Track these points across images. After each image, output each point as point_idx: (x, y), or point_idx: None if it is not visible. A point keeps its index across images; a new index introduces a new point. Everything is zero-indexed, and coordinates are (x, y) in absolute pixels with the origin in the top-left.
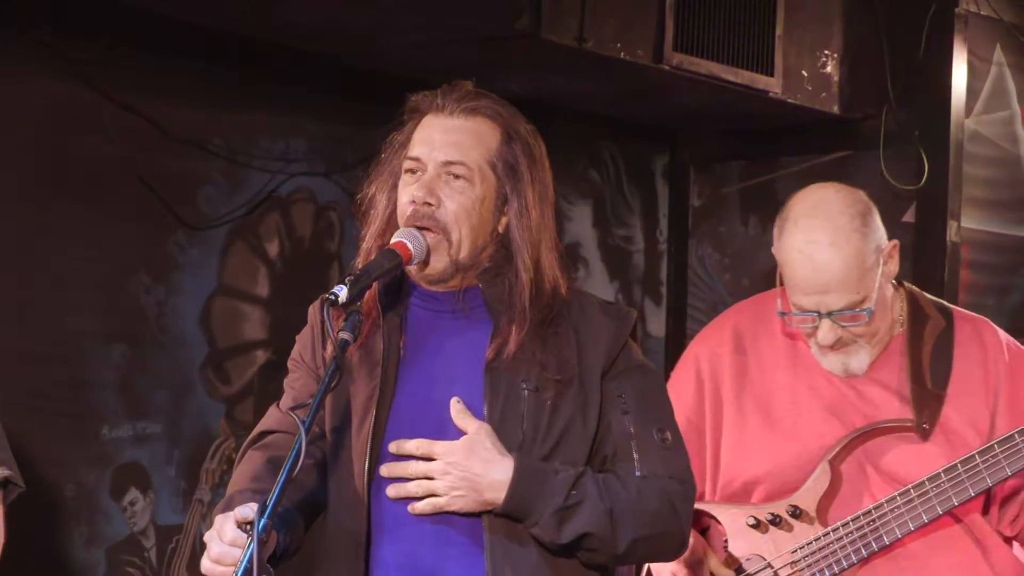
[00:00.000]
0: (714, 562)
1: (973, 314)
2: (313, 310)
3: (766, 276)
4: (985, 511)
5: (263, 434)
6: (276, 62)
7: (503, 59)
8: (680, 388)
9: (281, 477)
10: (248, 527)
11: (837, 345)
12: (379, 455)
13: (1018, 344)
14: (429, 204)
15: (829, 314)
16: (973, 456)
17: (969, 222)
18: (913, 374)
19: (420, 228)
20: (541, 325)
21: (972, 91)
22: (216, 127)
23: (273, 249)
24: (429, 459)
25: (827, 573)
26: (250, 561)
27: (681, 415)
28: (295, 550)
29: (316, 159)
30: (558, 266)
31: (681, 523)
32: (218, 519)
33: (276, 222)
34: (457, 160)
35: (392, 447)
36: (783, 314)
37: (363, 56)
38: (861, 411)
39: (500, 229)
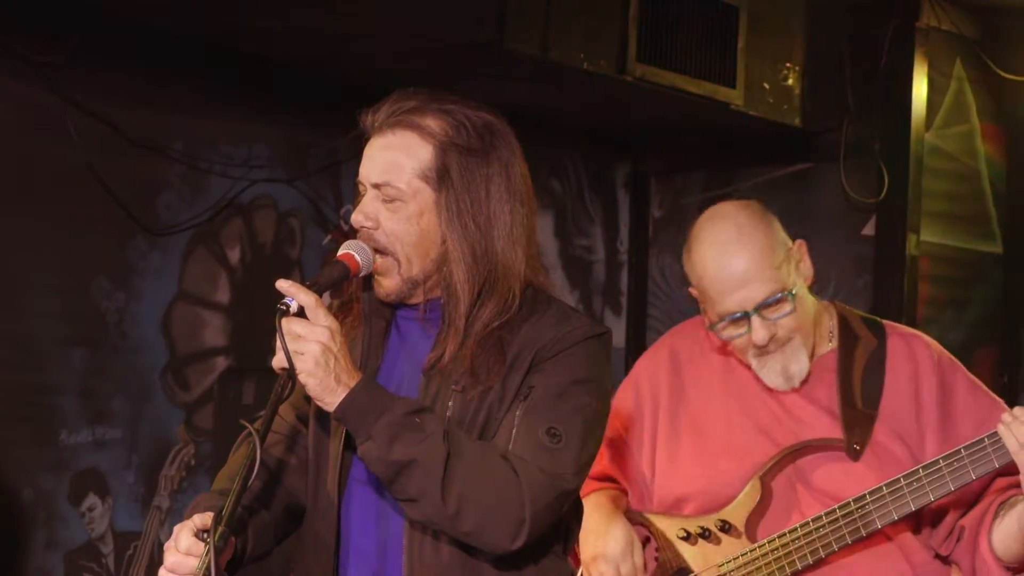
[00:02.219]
0: (639, 560)
1: (906, 328)
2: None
3: None
4: (918, 531)
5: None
6: (239, 68)
7: (466, 68)
8: (619, 406)
9: (236, 487)
10: (206, 535)
11: (773, 345)
12: (350, 462)
13: (951, 358)
14: (367, 227)
15: (756, 309)
16: (898, 480)
17: (929, 235)
18: (843, 395)
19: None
20: (487, 328)
21: (932, 105)
22: (178, 133)
23: (234, 255)
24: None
25: None
26: (206, 569)
27: (617, 431)
28: (263, 553)
29: (278, 166)
30: (527, 264)
31: (524, 509)
32: (177, 527)
33: (238, 228)
34: (384, 182)
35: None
36: (712, 326)
37: (326, 64)
38: (791, 429)
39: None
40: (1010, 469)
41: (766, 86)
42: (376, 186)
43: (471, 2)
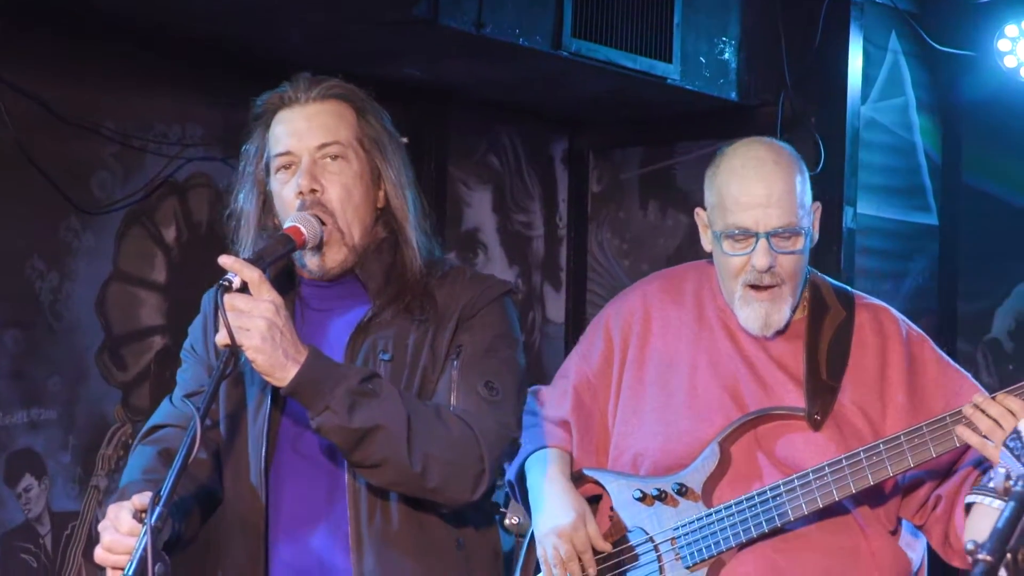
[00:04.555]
0: (594, 531)
1: (875, 301)
2: (206, 299)
3: (666, 261)
4: (876, 504)
5: (154, 428)
6: (172, 46)
7: (401, 45)
8: (588, 349)
9: (176, 464)
10: (144, 515)
11: (768, 278)
12: (275, 445)
13: (919, 331)
14: (314, 191)
15: (767, 234)
16: (858, 453)
17: (865, 208)
18: (809, 365)
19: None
20: (411, 294)
21: (868, 78)
22: (110, 111)
23: (170, 234)
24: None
25: (706, 552)
26: (145, 549)
27: (584, 375)
28: (190, 539)
29: (213, 144)
30: (429, 235)
31: (483, 462)
32: (112, 508)
33: (173, 207)
34: (331, 140)
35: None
36: (718, 236)
37: (259, 41)
38: (756, 393)
39: (379, 204)
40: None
41: (702, 60)
42: (321, 147)
43: None
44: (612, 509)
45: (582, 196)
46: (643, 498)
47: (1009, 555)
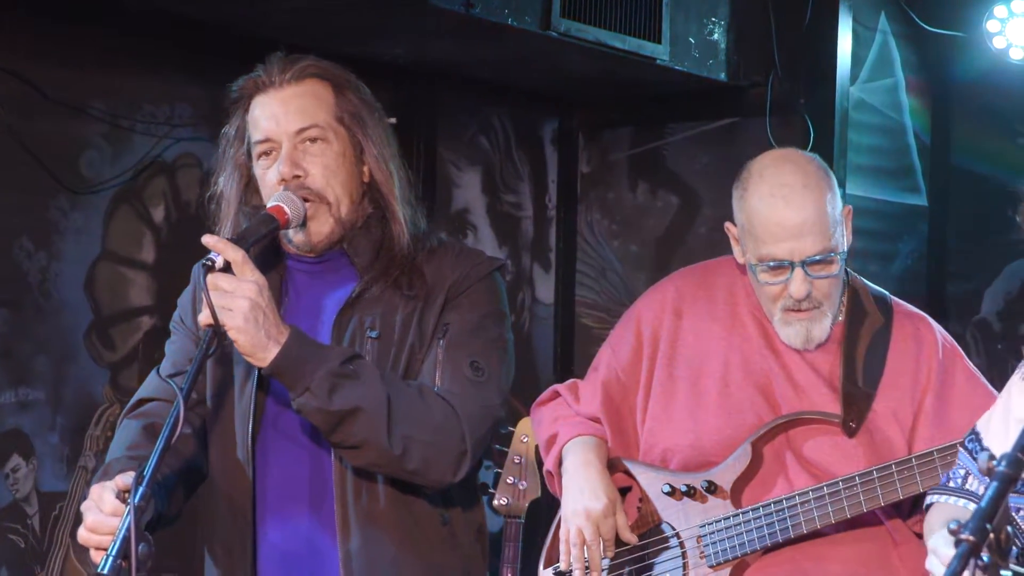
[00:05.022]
0: (622, 521)
1: (913, 309)
2: (196, 270)
3: (655, 242)
4: (905, 515)
5: (141, 401)
6: (160, 26)
7: (390, 25)
8: (618, 344)
9: (159, 445)
10: (127, 495)
11: (806, 303)
12: (260, 424)
13: (953, 343)
14: (297, 176)
15: (803, 263)
16: (890, 466)
17: (854, 189)
18: (846, 371)
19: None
20: (399, 270)
21: (857, 59)
22: (98, 91)
23: (159, 214)
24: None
25: (731, 553)
26: (128, 529)
27: (613, 370)
28: (174, 516)
29: (201, 124)
30: (414, 208)
31: (465, 443)
32: (95, 488)
33: (161, 187)
34: (308, 124)
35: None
36: (752, 267)
37: (248, 21)
38: (789, 394)
39: (365, 179)
40: None
41: (692, 41)
42: (299, 131)
43: None
44: (640, 501)
45: (571, 177)
46: (672, 492)
47: (992, 535)
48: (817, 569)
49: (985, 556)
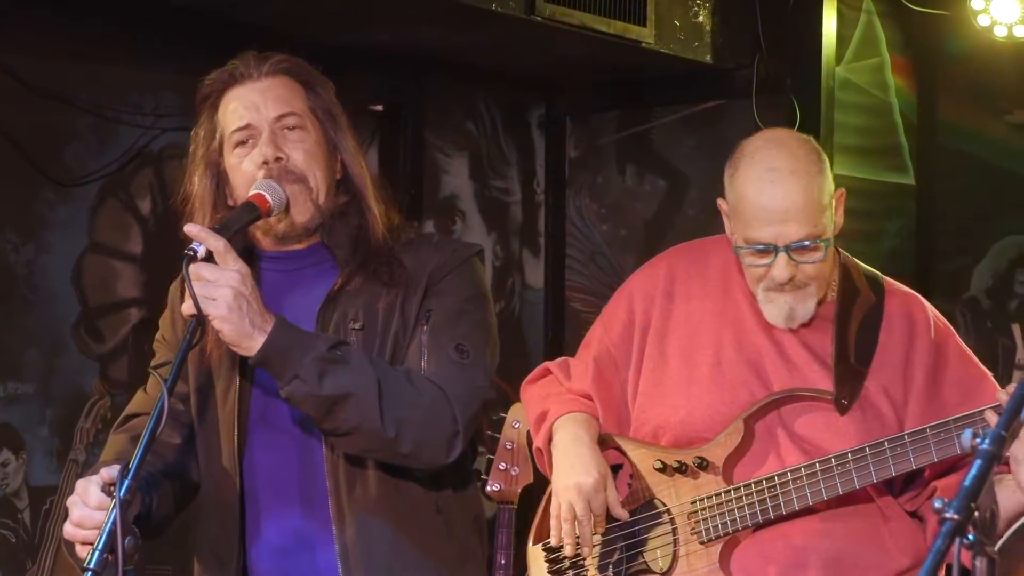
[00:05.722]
0: (613, 497)
1: (904, 288)
2: (173, 289)
3: (644, 226)
4: (896, 492)
5: (128, 417)
6: (145, 16)
7: (375, 11)
8: (610, 320)
9: (144, 436)
10: (112, 488)
11: (789, 286)
12: (247, 424)
13: (946, 323)
14: (280, 159)
15: (787, 248)
16: (882, 443)
17: (841, 169)
18: (839, 348)
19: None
20: (378, 260)
21: (842, 39)
22: (83, 82)
23: (146, 206)
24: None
25: (722, 529)
26: (114, 523)
27: (605, 347)
28: (165, 517)
29: (188, 114)
30: (386, 203)
31: (457, 423)
32: (80, 483)
33: (148, 178)
34: (288, 111)
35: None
36: (738, 249)
37: (233, 10)
38: (782, 371)
39: (338, 175)
40: None
41: (677, 23)
42: (279, 118)
43: None
44: (632, 477)
45: (559, 162)
46: (663, 469)
47: (976, 513)
48: (808, 546)
49: (971, 535)
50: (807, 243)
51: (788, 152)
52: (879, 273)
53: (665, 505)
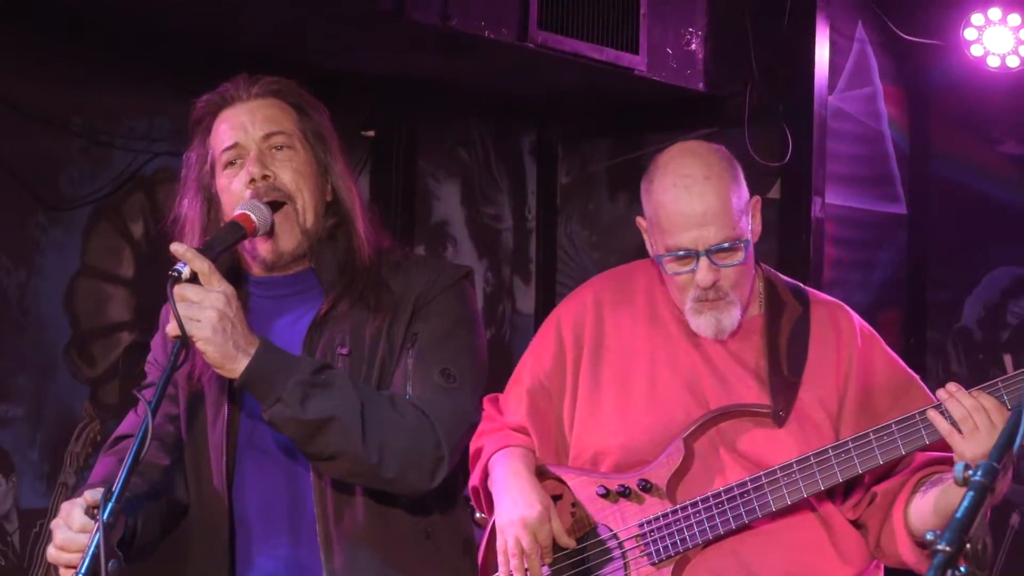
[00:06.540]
0: (558, 527)
1: (828, 297)
2: (165, 311)
3: (634, 253)
4: (838, 500)
5: (118, 439)
6: (138, 41)
7: (367, 38)
8: (540, 351)
9: (128, 459)
10: (96, 511)
11: (713, 293)
12: (236, 449)
13: (871, 329)
14: (267, 176)
15: (707, 251)
16: (827, 451)
17: (833, 198)
18: (771, 361)
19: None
20: (364, 284)
21: (835, 68)
22: (76, 107)
23: (138, 229)
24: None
25: (672, 550)
26: (98, 546)
27: (537, 378)
28: (151, 541)
29: (181, 138)
30: (376, 226)
31: (441, 448)
32: (64, 505)
33: (140, 202)
34: (276, 130)
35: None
36: (659, 257)
37: (225, 34)
38: (716, 387)
39: (328, 197)
40: (933, 446)
41: (669, 51)
42: (266, 137)
43: None
44: (573, 505)
45: (551, 188)
46: (607, 495)
47: (968, 545)
48: (758, 560)
49: (963, 567)
50: (726, 245)
51: (700, 160)
52: (801, 284)
53: (612, 530)
